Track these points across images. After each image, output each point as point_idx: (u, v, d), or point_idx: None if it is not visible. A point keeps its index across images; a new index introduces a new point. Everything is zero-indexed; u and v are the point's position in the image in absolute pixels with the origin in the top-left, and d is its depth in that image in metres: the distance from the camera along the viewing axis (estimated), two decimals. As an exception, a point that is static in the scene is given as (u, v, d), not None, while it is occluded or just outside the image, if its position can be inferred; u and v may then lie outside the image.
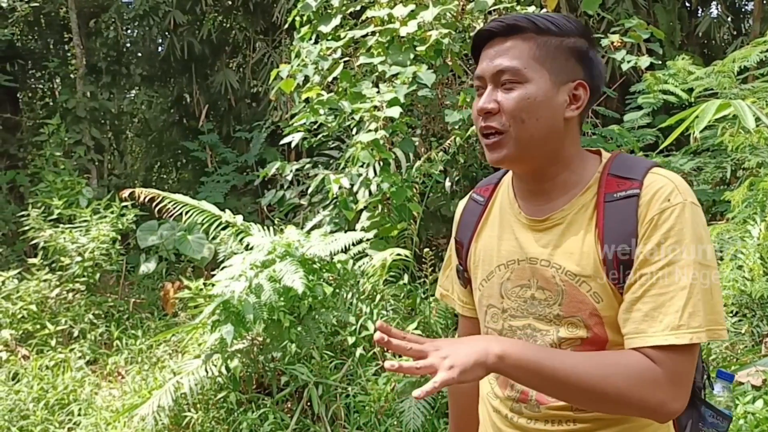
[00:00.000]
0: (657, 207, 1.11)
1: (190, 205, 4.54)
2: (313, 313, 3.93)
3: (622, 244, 1.13)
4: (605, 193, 1.17)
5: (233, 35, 10.34)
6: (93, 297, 5.88)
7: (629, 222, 1.13)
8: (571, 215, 1.20)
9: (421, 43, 4.55)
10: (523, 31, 1.18)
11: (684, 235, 1.09)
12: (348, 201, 4.92)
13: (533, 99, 1.16)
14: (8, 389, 4.33)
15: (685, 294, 1.07)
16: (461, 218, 1.43)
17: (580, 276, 1.17)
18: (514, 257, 1.26)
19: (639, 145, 5.39)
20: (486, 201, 1.37)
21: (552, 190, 1.23)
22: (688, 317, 1.07)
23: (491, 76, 1.19)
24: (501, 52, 1.19)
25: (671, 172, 1.18)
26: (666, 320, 1.07)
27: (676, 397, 1.06)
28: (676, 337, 1.05)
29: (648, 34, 4.81)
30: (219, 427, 3.69)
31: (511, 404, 1.28)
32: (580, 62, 1.20)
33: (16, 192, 8.95)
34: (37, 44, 10.48)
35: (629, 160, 1.22)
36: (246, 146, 9.37)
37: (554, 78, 1.17)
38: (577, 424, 1.20)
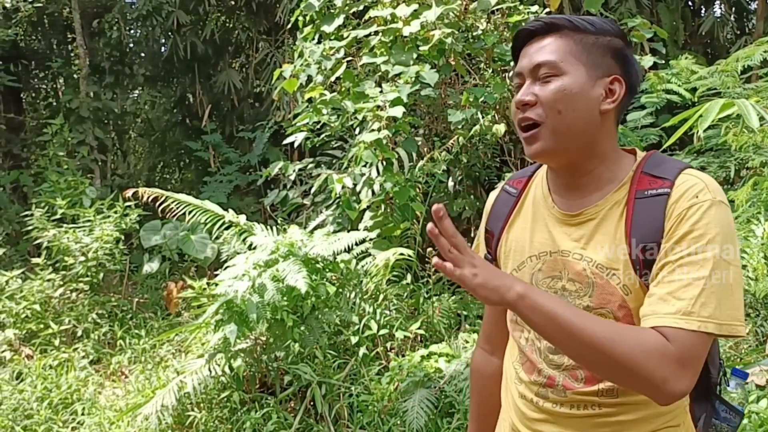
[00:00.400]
0: (686, 203, 1.14)
1: (194, 205, 4.55)
2: (317, 313, 3.93)
3: (649, 240, 1.16)
4: (637, 190, 1.20)
5: (236, 35, 10.34)
6: (96, 297, 5.89)
7: (657, 218, 1.16)
8: (604, 211, 1.23)
9: (424, 43, 4.55)
10: (561, 29, 1.23)
11: (709, 230, 1.11)
12: (351, 201, 4.93)
13: (570, 90, 1.20)
14: (12, 389, 4.34)
15: (701, 284, 1.09)
16: (492, 208, 1.45)
17: (610, 269, 1.20)
18: (546, 249, 1.29)
19: (642, 145, 5.38)
20: (519, 193, 1.40)
21: (587, 186, 1.26)
22: (700, 306, 1.08)
23: (529, 70, 1.24)
24: (539, 48, 1.24)
25: (704, 174, 1.20)
26: (678, 305, 1.09)
27: (682, 378, 1.07)
28: (686, 322, 1.08)
29: (651, 34, 4.80)
30: (222, 427, 3.69)
31: (537, 389, 1.30)
32: (615, 59, 1.24)
33: (20, 192, 8.97)
34: (40, 44, 10.51)
35: (664, 160, 1.25)
36: (249, 146, 9.38)
37: (590, 72, 1.21)
38: (602, 408, 1.23)
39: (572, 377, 1.26)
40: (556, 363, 1.28)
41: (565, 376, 1.26)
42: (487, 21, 4.90)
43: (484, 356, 1.55)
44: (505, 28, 4.83)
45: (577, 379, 1.25)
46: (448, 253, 1.11)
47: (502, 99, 4.82)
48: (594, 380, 1.23)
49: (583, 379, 1.25)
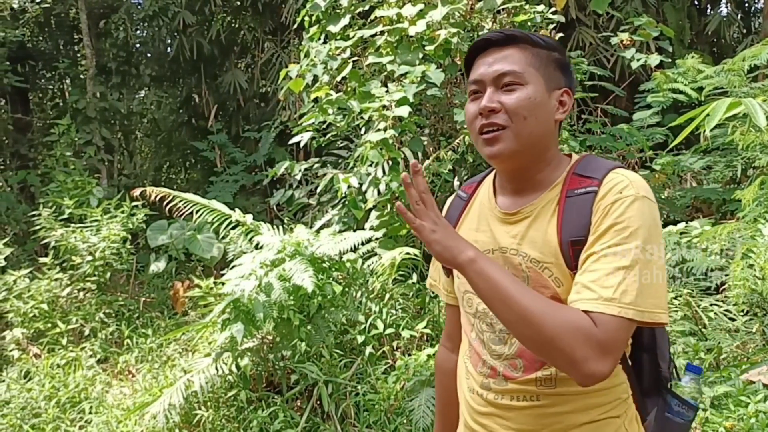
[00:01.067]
0: (611, 198, 1.21)
1: (201, 204, 4.56)
2: (323, 312, 3.93)
3: (577, 235, 1.23)
4: (567, 190, 1.29)
5: (242, 35, 10.37)
6: (104, 296, 5.91)
7: (585, 215, 1.24)
8: (538, 209, 1.31)
9: (430, 43, 4.56)
10: (519, 41, 1.33)
11: (632, 223, 1.18)
12: (357, 200, 4.93)
13: (534, 99, 1.29)
14: (20, 387, 4.36)
15: (622, 273, 1.15)
16: (447, 213, 1.54)
17: (542, 263, 1.28)
18: (489, 247, 1.37)
19: (648, 144, 5.38)
20: (469, 197, 1.50)
21: (530, 188, 1.34)
22: (621, 294, 1.14)
23: (492, 79, 1.31)
24: (500, 58, 1.32)
25: (632, 173, 1.27)
26: (601, 291, 1.15)
27: (601, 360, 1.11)
28: (606, 307, 1.13)
29: (657, 32, 4.80)
30: (229, 425, 3.70)
31: (482, 380, 1.38)
32: (563, 73, 1.35)
33: (27, 192, 9.01)
34: (47, 45, 10.55)
35: (595, 161, 1.33)
36: (255, 146, 9.39)
37: (547, 84, 1.31)
38: (541, 399, 1.29)
39: (512, 366, 1.33)
40: (497, 353, 1.35)
41: (505, 366, 1.33)
42: (493, 20, 4.90)
43: (446, 353, 1.65)
44: (511, 28, 4.83)
45: (516, 368, 1.32)
46: (416, 204, 1.21)
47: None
48: (532, 368, 1.30)
49: (521, 368, 1.31)
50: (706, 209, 5.87)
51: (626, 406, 1.33)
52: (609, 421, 1.29)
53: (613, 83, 5.81)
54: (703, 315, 3.84)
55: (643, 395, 1.36)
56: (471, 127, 1.34)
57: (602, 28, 7.60)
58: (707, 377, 3.21)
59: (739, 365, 3.39)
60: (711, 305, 3.95)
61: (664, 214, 5.25)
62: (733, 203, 4.85)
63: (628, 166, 6.17)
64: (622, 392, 1.32)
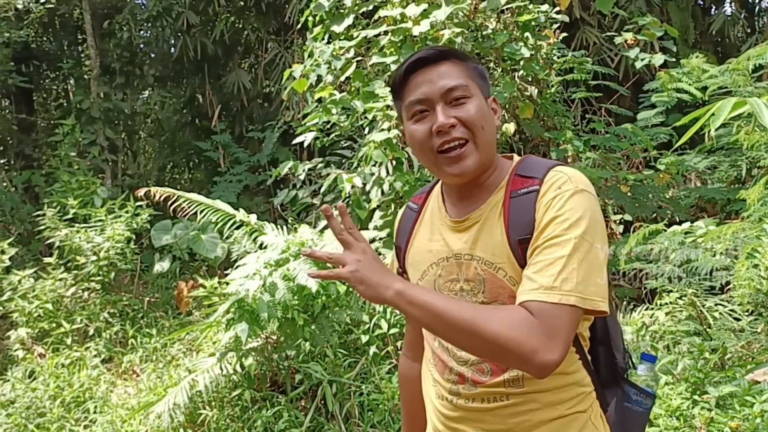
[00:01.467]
0: (551, 194, 1.25)
1: (205, 204, 4.57)
2: (327, 312, 3.94)
3: (524, 234, 1.26)
4: (511, 191, 1.31)
5: (246, 36, 10.37)
6: (108, 296, 5.92)
7: (528, 213, 1.26)
8: (486, 213, 1.33)
9: (434, 42, 4.55)
10: (450, 57, 1.34)
11: (572, 215, 1.21)
12: (361, 200, 4.93)
13: (484, 109, 1.33)
14: (25, 387, 4.38)
15: (562, 262, 1.18)
16: (399, 225, 1.57)
17: (495, 264, 1.30)
18: (443, 255, 1.38)
19: (652, 144, 5.37)
20: (419, 208, 1.51)
21: (477, 194, 1.36)
22: (562, 281, 1.17)
23: (440, 95, 1.31)
24: (441, 75, 1.32)
25: (572, 169, 1.30)
26: (541, 281, 1.18)
27: (550, 348, 1.13)
28: (547, 296, 1.16)
29: (662, 32, 4.79)
30: (234, 425, 3.71)
31: (450, 387, 1.38)
32: (485, 82, 1.38)
33: (32, 192, 9.04)
34: (51, 46, 10.58)
35: (535, 162, 1.36)
36: (258, 146, 9.41)
37: (483, 94, 1.35)
38: (511, 398, 1.31)
39: (479, 371, 1.34)
40: (463, 359, 1.35)
41: (473, 371, 1.34)
42: (497, 20, 4.89)
43: (408, 363, 1.66)
44: (515, 28, 4.82)
45: (484, 372, 1.33)
46: (339, 235, 1.24)
47: (511, 98, 4.81)
48: (499, 371, 1.31)
49: (489, 372, 1.32)
50: (710, 209, 5.86)
51: (591, 400, 1.36)
52: (576, 416, 1.32)
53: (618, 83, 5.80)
54: (707, 315, 3.84)
55: (602, 387, 1.40)
56: (423, 148, 1.33)
57: (606, 27, 7.60)
58: (712, 377, 3.20)
59: (744, 365, 3.38)
60: (716, 305, 3.95)
61: (668, 214, 5.24)
62: (737, 203, 4.84)
63: (632, 165, 6.17)
64: (586, 386, 1.35)
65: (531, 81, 5.02)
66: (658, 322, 3.91)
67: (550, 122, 5.27)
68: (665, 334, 3.79)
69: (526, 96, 4.95)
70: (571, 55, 5.28)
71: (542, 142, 5.39)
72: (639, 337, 3.84)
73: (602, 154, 5.26)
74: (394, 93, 1.39)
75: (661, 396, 3.05)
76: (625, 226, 5.22)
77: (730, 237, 3.73)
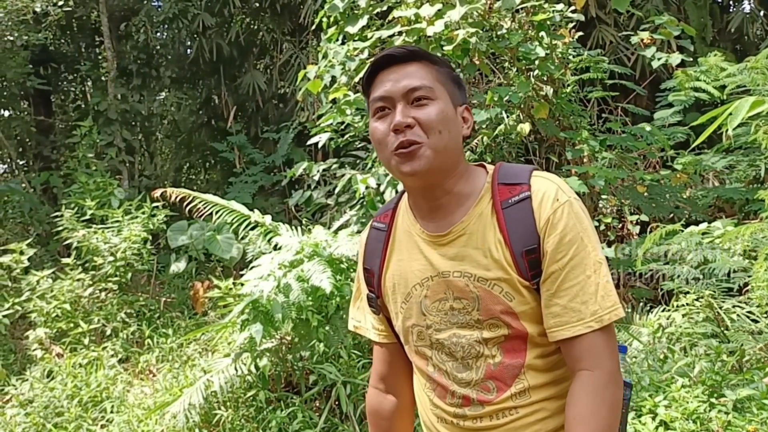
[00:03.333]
0: (549, 207, 1.23)
1: (220, 205, 4.59)
2: (341, 313, 3.94)
3: (529, 244, 1.24)
4: (501, 201, 1.28)
5: (261, 37, 10.41)
6: (125, 296, 5.98)
7: (528, 222, 1.24)
8: (471, 225, 1.29)
9: (448, 43, 4.54)
10: (421, 58, 1.31)
11: (578, 229, 1.23)
12: (375, 201, 4.93)
13: (446, 113, 1.28)
14: (43, 386, 4.42)
15: (593, 281, 1.21)
16: (367, 247, 1.48)
17: (489, 280, 1.26)
18: (428, 275, 1.33)
19: (670, 143, 5.32)
20: (388, 227, 1.43)
21: (448, 204, 1.32)
22: (602, 299, 1.20)
23: (402, 94, 1.27)
24: (406, 74, 1.29)
25: (550, 174, 1.31)
26: (584, 309, 1.20)
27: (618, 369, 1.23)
28: (597, 322, 1.19)
29: (678, 31, 4.73)
30: (248, 425, 3.72)
31: (455, 410, 1.33)
32: (460, 89, 1.35)
33: (50, 193, 9.13)
34: (69, 48, 10.69)
35: (512, 168, 1.34)
36: (273, 147, 9.44)
37: (452, 100, 1.31)
38: (520, 410, 1.28)
39: (484, 390, 1.30)
40: (465, 380, 1.31)
41: (477, 392, 1.30)
42: (512, 20, 4.87)
43: (379, 395, 1.55)
44: (530, 27, 4.79)
45: (490, 390, 1.29)
46: None
47: (527, 98, 4.79)
48: (505, 387, 1.29)
49: (495, 389, 1.29)
50: (728, 209, 5.79)
51: None
52: None
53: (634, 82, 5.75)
54: (725, 317, 3.79)
55: None
56: (382, 146, 1.30)
57: (622, 26, 7.54)
58: (729, 380, 3.17)
59: (762, 368, 3.34)
60: (733, 307, 3.89)
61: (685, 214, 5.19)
62: (756, 203, 4.78)
63: (649, 165, 6.12)
64: None
65: (546, 80, 4.99)
66: (674, 323, 3.86)
67: (565, 122, 5.23)
68: (682, 336, 3.75)
69: (542, 96, 4.92)
70: (587, 54, 5.25)
71: (558, 142, 5.36)
72: (655, 339, 3.80)
73: (618, 154, 5.22)
74: (363, 88, 1.36)
75: (678, 399, 3.01)
76: (642, 227, 5.18)
77: (748, 237, 3.68)
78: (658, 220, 5.15)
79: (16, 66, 8.50)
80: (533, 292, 1.25)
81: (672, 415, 2.92)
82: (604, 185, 4.60)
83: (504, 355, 1.27)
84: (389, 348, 1.50)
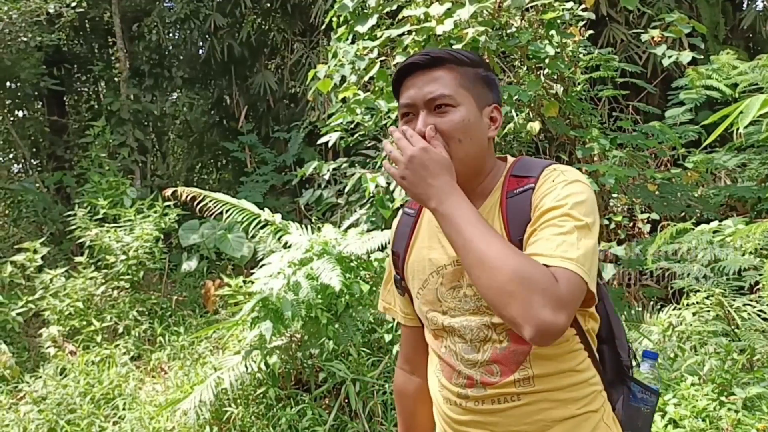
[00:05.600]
0: (545, 187, 1.25)
1: (231, 204, 4.61)
2: (350, 311, 3.95)
3: (524, 231, 1.24)
4: (507, 192, 1.31)
5: (272, 37, 10.45)
6: (137, 294, 6.02)
7: (525, 210, 1.26)
8: (483, 216, 1.28)
9: (458, 42, 4.54)
10: (445, 63, 1.32)
11: (568, 200, 1.20)
12: (385, 199, 4.94)
13: (467, 121, 1.29)
14: (56, 384, 4.47)
15: (562, 238, 1.16)
16: (396, 230, 1.54)
17: None
18: (443, 263, 1.37)
19: (681, 142, 5.30)
20: (417, 213, 1.50)
21: (472, 199, 1.30)
22: (561, 251, 1.14)
23: (424, 102, 1.30)
24: (429, 81, 1.31)
25: (567, 167, 1.30)
26: (548, 251, 1.15)
27: (557, 316, 1.07)
28: (573, 264, 1.13)
29: (689, 29, 4.71)
30: (258, 422, 3.74)
31: (458, 390, 1.36)
32: (489, 88, 1.36)
33: (63, 192, 9.21)
34: (82, 49, 10.77)
35: (530, 162, 1.35)
36: (284, 146, 9.47)
37: (477, 103, 1.32)
38: (521, 398, 1.29)
39: (488, 372, 1.32)
40: (471, 361, 1.34)
41: (481, 373, 1.32)
42: (522, 18, 4.86)
43: (405, 376, 1.62)
44: (539, 25, 4.79)
45: (493, 373, 1.31)
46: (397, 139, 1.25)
47: (536, 97, 4.78)
48: (508, 372, 1.29)
49: (498, 373, 1.31)
50: (740, 207, 5.76)
51: (602, 400, 1.35)
52: (588, 416, 1.31)
53: (645, 80, 5.73)
54: (735, 315, 3.77)
55: (608, 386, 1.39)
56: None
57: (633, 24, 7.50)
58: (739, 378, 3.15)
59: (774, 367, 3.32)
60: (744, 305, 3.87)
61: (697, 213, 5.16)
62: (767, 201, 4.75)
63: (660, 163, 6.09)
64: (596, 384, 1.34)
65: (556, 79, 4.98)
66: (685, 322, 3.85)
67: (575, 120, 5.22)
68: (692, 335, 3.73)
69: (552, 94, 4.91)
70: (598, 52, 5.23)
71: (568, 141, 5.34)
72: (666, 338, 3.79)
73: (629, 153, 5.20)
74: (393, 91, 1.40)
75: (687, 397, 3.01)
76: (653, 225, 5.16)
77: (759, 236, 3.66)
78: (668, 219, 5.13)
79: (30, 67, 8.57)
80: None
81: (681, 413, 2.91)
82: (615, 184, 4.58)
83: (511, 341, 1.29)
84: (414, 331, 1.55)
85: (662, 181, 5.15)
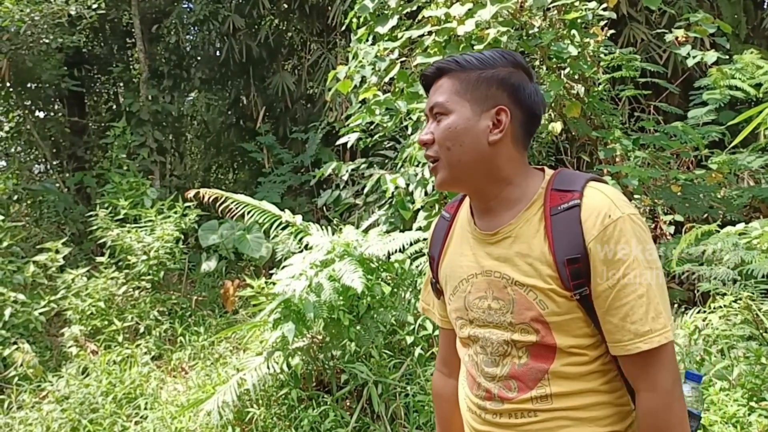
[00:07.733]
0: (600, 223, 1.22)
1: (252, 205, 4.63)
2: (372, 313, 3.95)
3: (573, 253, 1.23)
4: (551, 207, 1.28)
5: (289, 38, 10.47)
6: (157, 294, 6.05)
7: (574, 231, 1.23)
8: (518, 228, 1.30)
9: (479, 42, 4.52)
10: (449, 71, 1.35)
11: (631, 247, 1.20)
12: (405, 201, 4.93)
13: (455, 128, 1.31)
14: (78, 383, 4.50)
15: (644, 301, 1.19)
16: (433, 234, 1.56)
17: (527, 286, 1.27)
18: (473, 271, 1.37)
19: (704, 142, 5.24)
20: (451, 218, 1.51)
21: (498, 207, 1.35)
22: (653, 321, 1.19)
23: (428, 111, 1.38)
24: (435, 90, 1.37)
25: (608, 186, 1.29)
26: (634, 329, 1.19)
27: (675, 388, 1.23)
28: (645, 343, 1.18)
29: (714, 28, 4.66)
30: (280, 423, 3.75)
31: (478, 402, 1.37)
32: (502, 89, 1.32)
33: (84, 193, 9.28)
34: (102, 50, 10.83)
35: (571, 175, 1.33)
36: (302, 147, 9.48)
37: (475, 107, 1.31)
38: (539, 414, 1.29)
39: (506, 387, 1.32)
40: (490, 375, 1.35)
41: (499, 388, 1.33)
42: (543, 18, 4.83)
43: (442, 378, 1.64)
44: (561, 26, 4.75)
45: (511, 389, 1.32)
46: None
47: (558, 97, 4.75)
48: (526, 388, 1.30)
49: (516, 389, 1.31)
50: (765, 209, 5.67)
51: (630, 419, 1.31)
52: None
53: (667, 80, 5.67)
54: (764, 319, 3.72)
55: None
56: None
57: (654, 24, 7.43)
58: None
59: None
60: (772, 309, 3.82)
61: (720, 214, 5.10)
62: (794, 203, 4.68)
63: (683, 164, 6.02)
64: (624, 404, 1.31)
65: (578, 79, 4.95)
66: (711, 325, 3.80)
67: (597, 121, 5.18)
68: (719, 339, 3.68)
69: (573, 94, 4.88)
70: (619, 52, 5.19)
71: (589, 141, 5.31)
72: (692, 341, 3.74)
73: (651, 153, 5.15)
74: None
75: (716, 402, 2.97)
76: (676, 227, 5.10)
77: (785, 239, 3.60)
78: (692, 220, 5.07)
79: (51, 68, 8.65)
80: (571, 303, 1.24)
81: (711, 418, 2.87)
82: (638, 185, 4.54)
83: (530, 358, 1.29)
84: (451, 333, 1.55)
85: (685, 182, 5.10)
